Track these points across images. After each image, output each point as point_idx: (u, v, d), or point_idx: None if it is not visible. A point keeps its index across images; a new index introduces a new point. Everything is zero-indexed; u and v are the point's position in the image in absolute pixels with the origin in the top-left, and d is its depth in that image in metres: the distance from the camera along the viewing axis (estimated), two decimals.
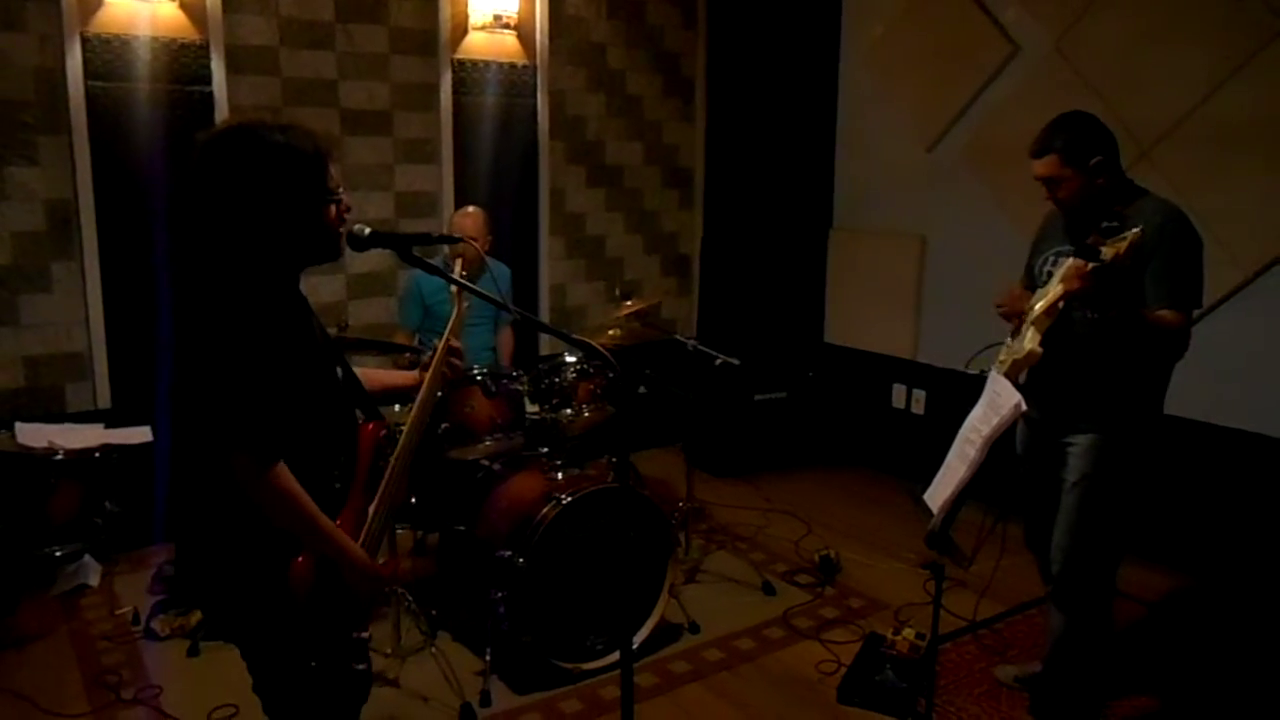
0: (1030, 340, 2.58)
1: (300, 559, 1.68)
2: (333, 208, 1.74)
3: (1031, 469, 2.85)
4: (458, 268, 2.33)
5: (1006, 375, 2.61)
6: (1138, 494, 2.68)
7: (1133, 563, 3.85)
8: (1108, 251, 2.29)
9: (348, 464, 1.82)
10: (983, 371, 2.88)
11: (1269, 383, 3.65)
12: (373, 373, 2.11)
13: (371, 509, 1.84)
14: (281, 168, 1.66)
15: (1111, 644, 2.84)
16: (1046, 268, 2.70)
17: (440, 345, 2.07)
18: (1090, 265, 2.32)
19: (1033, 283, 2.83)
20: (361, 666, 1.90)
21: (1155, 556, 3.94)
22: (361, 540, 1.79)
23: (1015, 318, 2.70)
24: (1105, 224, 2.53)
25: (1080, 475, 2.64)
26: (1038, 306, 2.58)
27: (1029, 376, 2.60)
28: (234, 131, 1.70)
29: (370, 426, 1.87)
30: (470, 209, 4.06)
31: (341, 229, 1.78)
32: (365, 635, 1.90)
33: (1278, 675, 3.19)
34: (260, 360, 1.61)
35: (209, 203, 1.68)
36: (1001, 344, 2.90)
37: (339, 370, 1.86)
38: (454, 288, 2.24)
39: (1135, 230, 2.28)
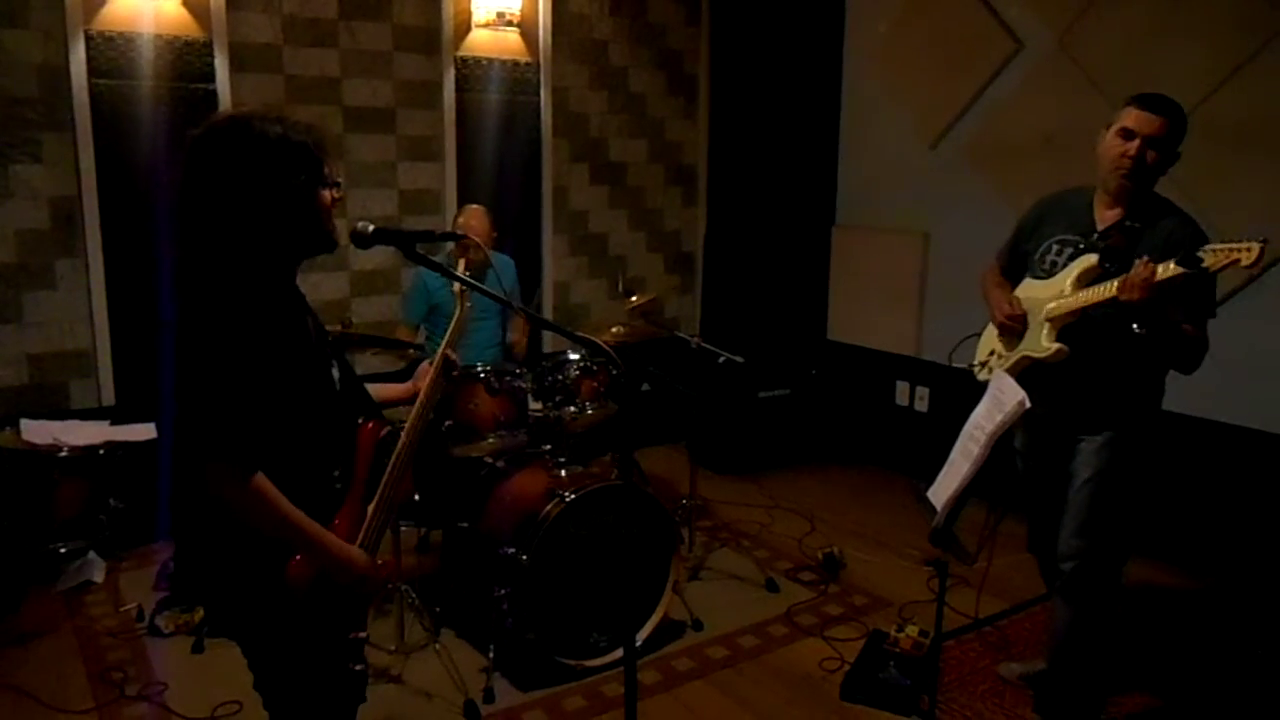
0: (1048, 337, 2.57)
1: (298, 558, 1.67)
2: (326, 194, 1.71)
3: (1034, 468, 2.84)
4: (461, 266, 2.34)
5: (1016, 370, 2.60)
6: (1148, 490, 2.67)
7: (1134, 559, 3.86)
8: (1211, 259, 2.23)
9: (348, 464, 1.81)
10: (970, 366, 2.89)
11: (1273, 380, 3.65)
12: (368, 387, 2.09)
13: (371, 508, 1.83)
14: (280, 159, 1.64)
15: (1116, 640, 2.83)
16: (1051, 257, 2.67)
17: (437, 358, 2.06)
18: (1171, 274, 2.27)
19: (1018, 265, 2.82)
20: (359, 667, 1.89)
21: (1156, 553, 3.94)
22: (360, 540, 1.79)
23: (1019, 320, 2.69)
24: (1129, 223, 2.52)
25: (1094, 471, 2.62)
26: (1053, 306, 2.56)
27: (1036, 374, 2.60)
28: (230, 124, 1.66)
29: (370, 426, 1.86)
30: (474, 207, 4.07)
31: (334, 217, 1.75)
32: (363, 636, 1.88)
33: (1274, 670, 3.19)
34: (245, 365, 1.59)
35: (205, 198, 1.64)
36: (977, 336, 2.90)
37: (336, 370, 1.84)
38: (456, 288, 2.24)
39: (1258, 242, 2.19)
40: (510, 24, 4.79)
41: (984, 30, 4.57)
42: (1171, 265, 2.30)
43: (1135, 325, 2.40)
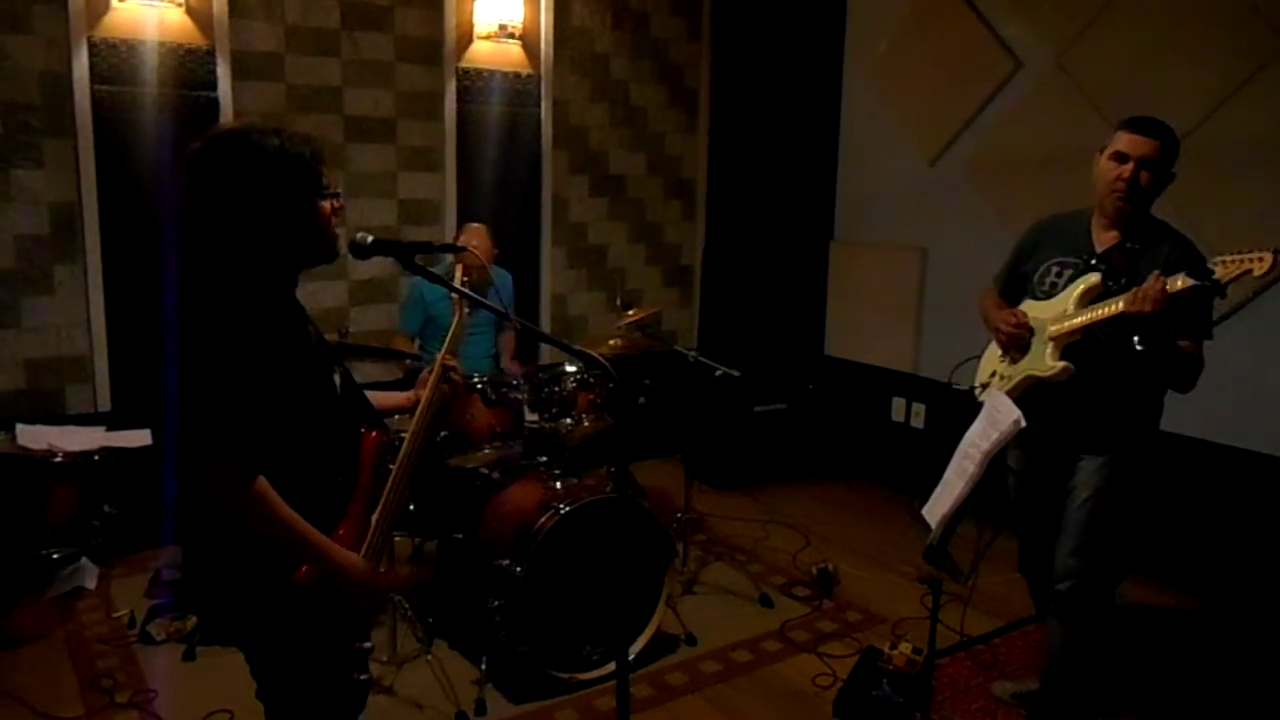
0: (1052, 356, 2.57)
1: (306, 567, 1.68)
2: (327, 204, 1.73)
3: (1029, 486, 2.84)
4: (458, 274, 2.34)
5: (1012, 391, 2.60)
6: (1145, 509, 2.67)
7: (1130, 579, 3.85)
8: (1222, 270, 2.24)
9: (350, 472, 1.81)
10: (972, 388, 2.88)
11: (1269, 402, 3.66)
12: (370, 395, 2.10)
13: (374, 518, 1.83)
14: (279, 170, 1.66)
15: (1109, 660, 2.82)
16: (1050, 279, 2.68)
17: (436, 365, 2.07)
18: (1183, 286, 2.27)
19: (1016, 287, 2.82)
20: (364, 677, 1.89)
21: (1152, 573, 3.93)
22: (364, 549, 1.79)
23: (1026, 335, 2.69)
24: (1129, 245, 2.53)
25: (1094, 490, 2.62)
26: (1056, 326, 2.57)
27: (1038, 393, 2.60)
28: (229, 137, 1.68)
29: (373, 435, 1.86)
30: (475, 226, 4.09)
31: (336, 228, 1.76)
32: (368, 645, 1.89)
33: (1269, 690, 3.18)
34: (250, 370, 1.61)
35: (206, 211, 1.66)
36: (977, 358, 2.89)
37: (338, 378, 1.85)
38: (455, 298, 2.25)
39: (1270, 252, 2.20)
40: (512, 36, 4.82)
41: (983, 49, 4.59)
42: (1183, 278, 2.30)
43: (1136, 339, 2.40)
